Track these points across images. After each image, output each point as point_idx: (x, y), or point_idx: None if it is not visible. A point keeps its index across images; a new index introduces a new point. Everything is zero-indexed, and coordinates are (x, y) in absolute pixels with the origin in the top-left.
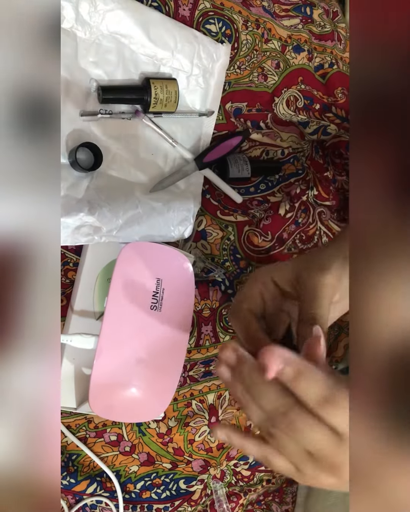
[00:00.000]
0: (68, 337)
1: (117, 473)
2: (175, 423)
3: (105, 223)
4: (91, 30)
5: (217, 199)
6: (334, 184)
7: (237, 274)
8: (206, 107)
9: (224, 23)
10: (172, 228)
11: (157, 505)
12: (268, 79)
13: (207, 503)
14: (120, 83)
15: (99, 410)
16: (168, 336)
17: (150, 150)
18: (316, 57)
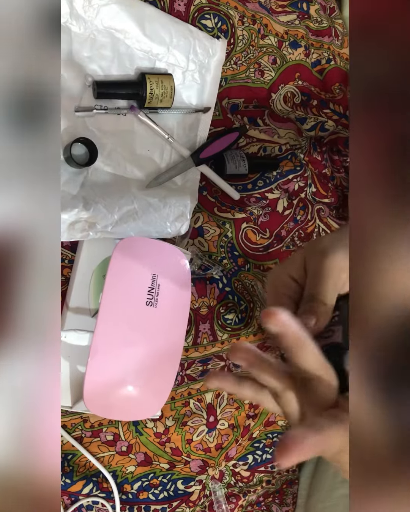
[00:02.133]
0: (63, 333)
1: (113, 474)
2: (173, 423)
3: (100, 219)
4: (85, 25)
5: (214, 196)
6: (333, 181)
7: (235, 271)
8: (202, 103)
9: (220, 18)
10: (168, 224)
11: (154, 506)
12: (264, 75)
13: (205, 504)
14: (116, 79)
15: (95, 408)
16: (164, 332)
17: (146, 146)
18: (313, 53)
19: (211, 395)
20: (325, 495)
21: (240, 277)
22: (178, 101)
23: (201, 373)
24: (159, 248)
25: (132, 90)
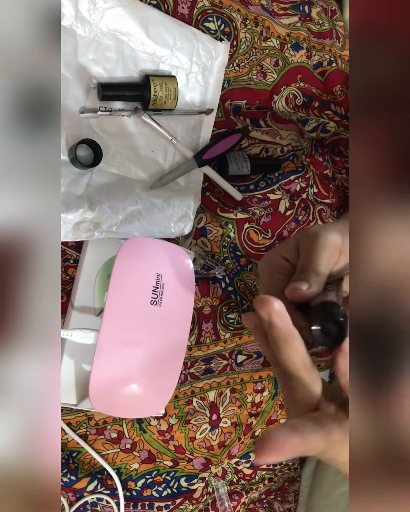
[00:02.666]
0: (68, 332)
1: (118, 471)
2: (176, 421)
3: (105, 219)
4: (90, 28)
5: (217, 196)
6: (334, 182)
7: (237, 271)
8: (205, 105)
9: (223, 21)
10: (172, 224)
11: (158, 503)
12: (267, 77)
13: (208, 502)
14: (120, 81)
15: (100, 406)
16: (168, 331)
17: (150, 147)
18: (314, 55)
19: (213, 394)
20: (327, 493)
21: (242, 276)
22: (181, 103)
23: (204, 371)
24: (164, 248)
25: (137, 92)
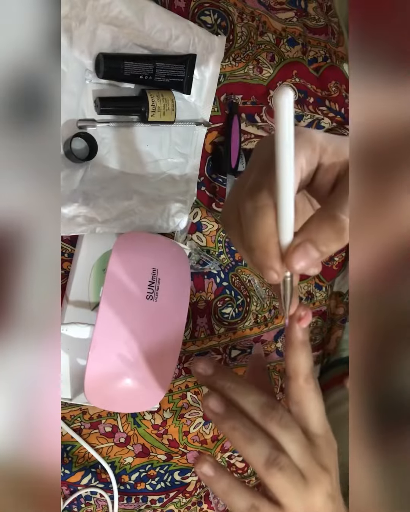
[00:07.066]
0: (64, 326)
1: (112, 465)
2: (171, 415)
3: (100, 213)
4: (86, 19)
5: (212, 192)
6: None
7: (232, 266)
8: (201, 99)
9: (220, 14)
10: (167, 219)
11: (152, 497)
12: (263, 72)
13: (201, 495)
14: (117, 94)
15: (95, 400)
16: (164, 325)
17: (146, 141)
18: (310, 51)
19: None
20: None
21: (237, 272)
22: (177, 97)
23: None
24: (159, 242)
25: (135, 104)
